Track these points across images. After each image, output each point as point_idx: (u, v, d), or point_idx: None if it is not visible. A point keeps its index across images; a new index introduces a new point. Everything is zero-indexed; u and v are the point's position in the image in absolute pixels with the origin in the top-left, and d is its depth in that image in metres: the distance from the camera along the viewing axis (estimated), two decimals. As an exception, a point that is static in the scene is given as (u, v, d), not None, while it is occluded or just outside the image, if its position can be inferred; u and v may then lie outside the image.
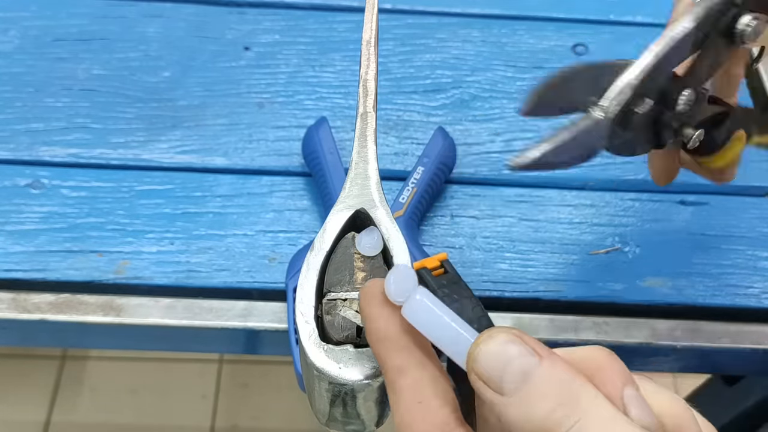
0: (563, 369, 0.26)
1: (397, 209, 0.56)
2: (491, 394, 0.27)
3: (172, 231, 0.58)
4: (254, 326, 0.55)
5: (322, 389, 0.36)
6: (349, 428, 0.39)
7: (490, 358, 0.27)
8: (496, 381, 0.26)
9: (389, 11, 0.73)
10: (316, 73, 0.68)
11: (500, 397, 0.26)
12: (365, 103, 0.41)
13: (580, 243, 0.59)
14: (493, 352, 0.27)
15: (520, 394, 0.26)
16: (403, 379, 0.30)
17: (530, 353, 0.27)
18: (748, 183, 0.63)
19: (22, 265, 0.56)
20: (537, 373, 0.26)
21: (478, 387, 0.27)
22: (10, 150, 0.62)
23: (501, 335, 0.27)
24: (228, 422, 1.32)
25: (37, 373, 1.36)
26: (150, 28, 0.70)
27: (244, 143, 0.63)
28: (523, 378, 0.26)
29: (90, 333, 0.56)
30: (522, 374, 0.26)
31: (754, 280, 0.58)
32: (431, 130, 0.62)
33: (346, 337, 0.36)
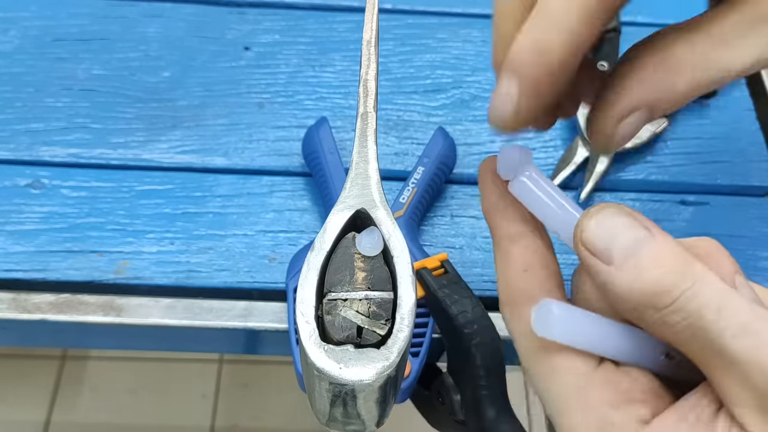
0: (676, 243, 0.27)
1: (397, 209, 0.56)
2: (599, 264, 0.27)
3: (172, 231, 0.58)
4: (254, 326, 0.55)
5: (323, 389, 0.36)
6: (350, 428, 0.39)
7: (600, 228, 0.27)
8: (605, 251, 0.27)
9: (389, 11, 0.73)
10: (316, 73, 0.68)
11: (608, 268, 0.26)
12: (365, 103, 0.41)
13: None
14: (603, 222, 0.27)
15: (631, 262, 0.26)
16: (513, 246, 0.30)
17: (642, 227, 0.27)
18: (748, 183, 0.63)
19: (22, 265, 0.56)
20: (649, 244, 0.27)
21: (585, 258, 0.27)
22: (10, 150, 0.62)
23: (611, 208, 0.27)
24: (228, 422, 1.32)
25: (37, 373, 1.36)
26: (150, 28, 0.70)
27: (244, 143, 0.63)
28: (635, 247, 0.26)
29: (90, 333, 0.56)
30: (633, 244, 0.26)
31: (754, 280, 0.58)
32: (431, 130, 0.62)
33: (346, 337, 0.36)
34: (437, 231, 0.60)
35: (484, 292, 0.56)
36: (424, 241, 0.59)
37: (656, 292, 0.26)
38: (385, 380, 0.35)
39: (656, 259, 0.26)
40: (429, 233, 0.59)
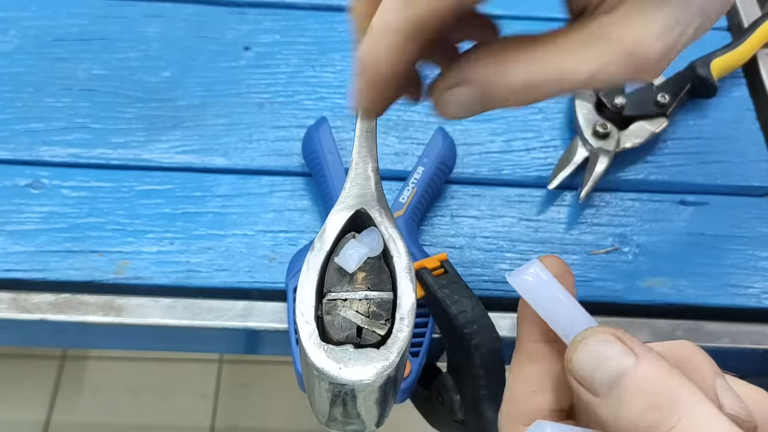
0: (661, 367, 0.26)
1: (397, 209, 0.56)
2: (587, 394, 0.27)
3: (172, 231, 0.58)
4: (254, 326, 0.55)
5: (322, 389, 0.36)
6: (349, 428, 0.39)
7: (586, 357, 0.27)
8: (590, 381, 0.27)
9: (389, 11, 0.73)
10: (316, 73, 0.68)
11: (593, 398, 0.26)
12: (365, 103, 0.41)
13: (580, 243, 0.59)
14: (589, 350, 0.27)
15: (613, 394, 0.26)
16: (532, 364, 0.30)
17: (626, 353, 0.26)
18: (748, 183, 0.63)
19: (22, 265, 0.56)
20: (632, 374, 0.26)
21: (574, 387, 0.27)
22: (10, 150, 0.62)
23: (598, 335, 0.27)
24: (228, 422, 1.32)
25: (37, 373, 1.36)
26: (150, 28, 0.70)
27: (244, 143, 0.63)
28: (617, 379, 0.26)
29: (90, 333, 0.56)
30: (615, 375, 0.26)
31: (754, 280, 0.58)
32: (431, 130, 0.62)
33: (346, 337, 0.36)
34: (437, 231, 0.60)
35: (484, 292, 0.56)
36: (424, 241, 0.59)
37: (642, 427, 0.25)
38: (385, 380, 0.35)
39: (637, 391, 0.26)
40: (429, 233, 0.59)
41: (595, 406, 0.26)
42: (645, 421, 0.25)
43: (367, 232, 0.38)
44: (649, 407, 0.25)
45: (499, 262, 0.58)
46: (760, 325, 0.57)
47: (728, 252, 0.60)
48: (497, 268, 0.58)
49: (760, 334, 0.57)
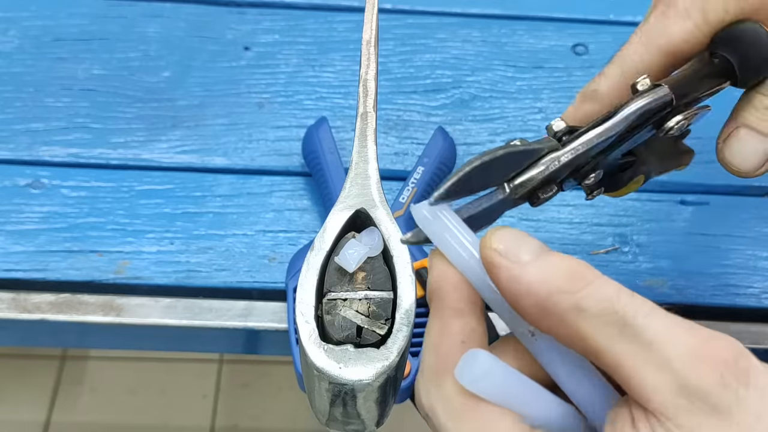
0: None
1: (397, 209, 0.56)
2: (508, 263, 0.28)
3: (172, 231, 0.58)
4: (254, 326, 0.55)
5: (322, 389, 0.36)
6: (350, 428, 0.39)
7: (509, 233, 0.29)
8: (515, 250, 0.28)
9: (389, 11, 0.73)
10: (316, 73, 0.68)
11: (520, 264, 0.27)
12: (365, 102, 0.41)
13: (580, 243, 0.59)
14: (511, 231, 0.29)
15: (543, 257, 0.27)
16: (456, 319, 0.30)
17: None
18: (748, 183, 0.63)
19: (22, 265, 0.56)
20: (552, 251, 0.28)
21: (494, 258, 0.28)
22: (10, 150, 0.62)
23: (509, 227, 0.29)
24: (228, 422, 1.32)
25: (37, 373, 1.36)
26: (150, 28, 0.70)
27: (244, 143, 0.63)
28: (542, 248, 0.28)
29: (90, 333, 0.56)
30: (540, 247, 0.28)
31: (754, 280, 0.58)
32: (431, 130, 0.62)
33: (346, 336, 0.36)
34: (437, 231, 0.59)
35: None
36: (424, 241, 0.59)
37: (571, 275, 0.27)
38: (385, 380, 0.35)
39: (563, 257, 0.28)
40: (429, 233, 0.59)
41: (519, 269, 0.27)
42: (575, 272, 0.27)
43: (367, 231, 0.38)
44: (577, 264, 0.27)
45: (499, 262, 0.58)
46: (760, 325, 0.57)
47: (728, 252, 0.60)
48: (497, 268, 0.58)
49: (760, 334, 0.57)
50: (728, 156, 0.39)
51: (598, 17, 0.73)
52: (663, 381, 0.25)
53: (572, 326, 0.26)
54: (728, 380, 0.25)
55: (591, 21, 0.73)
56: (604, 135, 0.35)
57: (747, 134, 0.38)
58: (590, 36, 0.71)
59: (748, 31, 0.38)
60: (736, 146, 0.39)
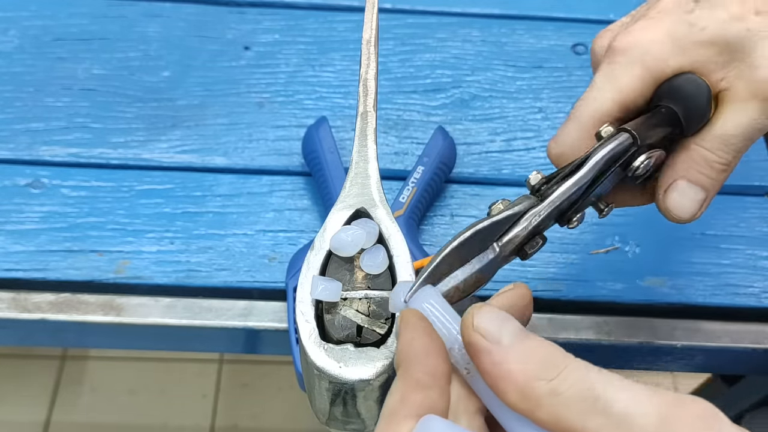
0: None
1: (397, 209, 0.56)
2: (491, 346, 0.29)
3: (172, 230, 0.58)
4: (254, 326, 0.55)
5: (323, 388, 0.36)
6: (350, 427, 0.39)
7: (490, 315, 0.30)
8: (497, 334, 0.29)
9: (389, 11, 0.73)
10: (316, 73, 0.68)
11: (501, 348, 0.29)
12: (365, 102, 0.41)
13: (580, 242, 0.59)
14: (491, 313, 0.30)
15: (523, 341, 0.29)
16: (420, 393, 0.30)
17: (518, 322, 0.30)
18: (748, 183, 0.63)
19: (22, 265, 0.56)
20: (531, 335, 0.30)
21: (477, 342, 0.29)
22: (10, 150, 0.62)
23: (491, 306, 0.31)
24: (228, 422, 1.32)
25: (37, 373, 1.36)
26: (150, 27, 0.70)
27: (244, 143, 0.63)
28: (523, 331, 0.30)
29: (90, 333, 0.56)
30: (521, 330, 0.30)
31: (754, 279, 0.58)
32: (431, 129, 0.62)
33: (346, 336, 0.36)
34: (437, 231, 0.60)
35: (483, 292, 0.56)
36: (424, 240, 0.59)
37: (548, 363, 0.28)
38: (385, 379, 0.35)
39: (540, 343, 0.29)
40: (429, 233, 0.59)
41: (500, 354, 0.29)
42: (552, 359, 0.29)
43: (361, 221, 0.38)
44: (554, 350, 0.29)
45: (499, 261, 0.58)
46: (760, 324, 0.57)
47: (728, 251, 0.60)
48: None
49: (760, 333, 0.57)
50: (670, 206, 0.42)
51: (598, 17, 0.73)
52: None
53: (548, 408, 0.28)
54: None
55: (591, 21, 0.73)
56: (577, 185, 0.38)
57: (686, 186, 0.41)
58: (590, 36, 0.71)
59: (689, 83, 0.40)
60: (677, 198, 0.41)
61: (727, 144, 0.40)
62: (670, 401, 0.27)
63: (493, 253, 0.36)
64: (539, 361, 0.29)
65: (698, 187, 0.41)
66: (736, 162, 0.41)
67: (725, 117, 0.40)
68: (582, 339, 0.55)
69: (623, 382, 0.28)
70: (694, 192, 0.41)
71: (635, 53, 0.41)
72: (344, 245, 0.37)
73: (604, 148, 0.38)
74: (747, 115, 0.39)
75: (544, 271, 0.58)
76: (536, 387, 0.28)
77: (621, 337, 0.56)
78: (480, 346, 0.29)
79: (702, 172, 0.41)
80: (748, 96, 0.39)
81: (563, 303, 0.57)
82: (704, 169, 0.41)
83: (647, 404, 0.27)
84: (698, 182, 0.41)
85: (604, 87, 0.41)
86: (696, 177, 0.41)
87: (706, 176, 0.41)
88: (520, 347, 0.29)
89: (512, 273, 0.57)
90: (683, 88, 0.40)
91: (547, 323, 0.56)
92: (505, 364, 0.29)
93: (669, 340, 0.56)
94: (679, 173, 0.41)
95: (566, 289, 0.57)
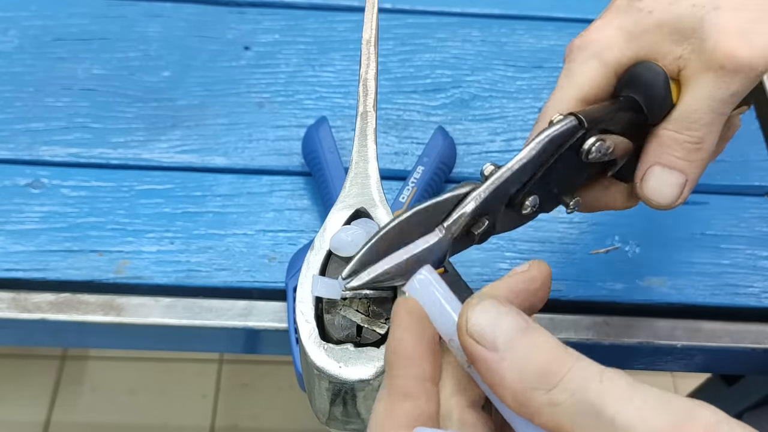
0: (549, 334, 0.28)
1: (397, 208, 0.56)
2: (486, 352, 0.28)
3: (172, 230, 0.58)
4: (254, 326, 0.55)
5: (323, 388, 0.36)
6: (350, 427, 0.39)
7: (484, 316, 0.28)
8: (491, 339, 0.27)
9: (389, 11, 0.73)
10: (316, 73, 0.68)
11: (496, 355, 0.27)
12: (365, 102, 0.41)
13: (580, 242, 0.59)
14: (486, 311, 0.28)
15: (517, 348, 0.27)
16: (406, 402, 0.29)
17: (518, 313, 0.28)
18: (748, 183, 0.63)
19: (22, 265, 0.56)
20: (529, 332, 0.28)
21: (472, 347, 0.28)
22: (10, 150, 0.62)
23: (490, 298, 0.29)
24: (228, 422, 1.32)
25: (37, 373, 1.36)
26: (150, 27, 0.70)
27: (244, 143, 0.63)
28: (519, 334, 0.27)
29: (90, 333, 0.56)
30: (515, 330, 0.28)
31: (754, 279, 0.58)
32: (431, 129, 0.62)
33: (346, 336, 0.36)
34: (437, 230, 0.60)
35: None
36: (424, 240, 0.59)
37: (545, 372, 0.27)
38: (385, 379, 0.35)
39: (539, 344, 0.27)
40: (429, 233, 0.59)
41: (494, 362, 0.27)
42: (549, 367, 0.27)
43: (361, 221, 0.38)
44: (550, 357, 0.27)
45: (499, 261, 0.58)
46: (760, 324, 0.57)
47: (728, 252, 0.60)
48: (497, 268, 0.58)
49: (760, 333, 0.57)
50: (648, 193, 0.41)
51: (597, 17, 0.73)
52: None
53: (548, 416, 0.27)
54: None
55: (591, 21, 0.72)
56: (518, 164, 0.37)
57: (661, 171, 0.41)
58: (590, 36, 0.71)
59: (646, 70, 0.41)
60: (653, 183, 0.41)
61: (692, 121, 0.40)
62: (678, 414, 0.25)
63: (439, 235, 0.36)
64: (536, 370, 0.27)
65: (674, 170, 0.41)
66: (711, 140, 0.41)
67: (685, 96, 0.40)
68: (582, 339, 0.55)
69: (627, 391, 0.26)
70: (670, 176, 0.41)
71: (591, 49, 0.42)
72: (344, 245, 0.37)
73: (548, 130, 0.38)
74: (704, 87, 0.39)
75: (544, 271, 0.58)
76: (533, 397, 0.27)
77: (621, 337, 0.56)
78: (475, 354, 0.28)
79: (674, 155, 0.41)
80: (702, 69, 0.39)
81: (563, 303, 0.57)
82: (676, 152, 0.41)
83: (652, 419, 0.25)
84: (673, 165, 0.41)
85: (564, 85, 0.42)
86: (669, 161, 0.41)
87: (680, 158, 0.41)
88: (516, 353, 0.27)
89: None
90: (641, 75, 0.40)
91: (547, 323, 0.56)
92: (500, 372, 0.27)
93: (669, 340, 0.56)
94: (652, 159, 0.41)
95: (566, 289, 0.57)
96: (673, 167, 0.41)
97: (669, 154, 0.41)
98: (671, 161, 0.41)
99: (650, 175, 0.41)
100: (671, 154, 0.41)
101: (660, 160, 0.41)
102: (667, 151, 0.41)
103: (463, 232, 0.37)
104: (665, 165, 0.41)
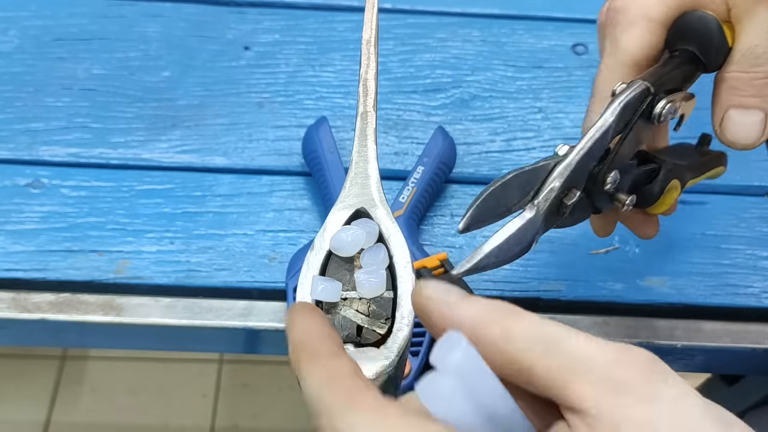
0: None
1: (397, 209, 0.56)
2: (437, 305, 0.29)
3: (172, 230, 0.58)
4: (254, 326, 0.55)
5: (322, 388, 0.36)
6: (349, 427, 0.38)
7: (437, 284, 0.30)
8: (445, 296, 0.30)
9: (389, 11, 0.73)
10: (316, 73, 0.68)
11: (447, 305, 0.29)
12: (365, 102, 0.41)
13: (580, 242, 0.59)
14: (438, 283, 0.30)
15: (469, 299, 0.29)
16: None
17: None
18: (748, 183, 0.63)
19: (22, 265, 0.56)
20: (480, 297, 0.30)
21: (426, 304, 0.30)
22: (10, 150, 0.62)
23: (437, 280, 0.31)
24: (228, 422, 1.32)
25: (37, 373, 1.36)
26: (150, 27, 0.70)
27: (244, 143, 0.63)
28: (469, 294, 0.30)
29: (90, 333, 0.56)
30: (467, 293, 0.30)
31: (754, 279, 0.58)
32: (431, 129, 0.62)
33: (346, 336, 0.36)
34: (437, 231, 0.60)
35: (484, 292, 0.56)
36: (424, 240, 0.59)
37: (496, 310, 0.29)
38: (385, 379, 0.35)
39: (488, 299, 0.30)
40: (429, 233, 0.59)
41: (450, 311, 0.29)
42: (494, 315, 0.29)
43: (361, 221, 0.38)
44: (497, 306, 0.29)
45: (499, 261, 0.58)
46: (760, 324, 0.57)
47: (728, 252, 0.60)
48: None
49: (760, 333, 0.57)
50: (730, 137, 0.41)
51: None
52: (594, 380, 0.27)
53: (503, 352, 0.28)
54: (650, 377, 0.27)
55: (591, 21, 0.73)
56: (597, 133, 0.38)
57: (737, 114, 0.41)
58: (590, 36, 0.71)
59: (696, 19, 0.40)
60: (733, 128, 0.41)
61: (756, 56, 0.40)
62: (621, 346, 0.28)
63: (531, 212, 0.37)
64: (489, 310, 0.29)
65: (750, 109, 0.40)
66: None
67: (742, 34, 0.40)
68: (582, 339, 0.55)
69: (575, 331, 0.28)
70: (748, 116, 0.40)
71: (635, 9, 0.41)
72: (344, 245, 0.37)
73: (619, 97, 0.38)
74: (761, 21, 0.39)
75: (544, 271, 0.58)
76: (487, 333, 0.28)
77: (621, 337, 0.56)
78: (430, 308, 0.30)
79: (746, 94, 0.40)
80: (752, 4, 0.39)
81: (563, 303, 0.57)
82: (747, 91, 0.40)
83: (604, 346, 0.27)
84: (748, 105, 0.40)
85: (613, 52, 0.41)
86: (743, 101, 0.40)
87: (753, 95, 0.40)
88: (469, 302, 0.29)
89: (513, 273, 0.57)
90: (691, 25, 0.40)
91: (547, 323, 0.56)
92: (455, 317, 0.29)
93: (669, 340, 0.56)
94: (725, 104, 0.41)
95: (566, 289, 0.57)
96: (749, 106, 0.40)
97: (741, 96, 0.40)
98: (745, 101, 0.40)
99: (727, 121, 0.41)
100: (743, 94, 0.40)
101: (733, 103, 0.40)
102: (739, 93, 0.40)
103: (554, 208, 0.38)
104: (740, 106, 0.40)
